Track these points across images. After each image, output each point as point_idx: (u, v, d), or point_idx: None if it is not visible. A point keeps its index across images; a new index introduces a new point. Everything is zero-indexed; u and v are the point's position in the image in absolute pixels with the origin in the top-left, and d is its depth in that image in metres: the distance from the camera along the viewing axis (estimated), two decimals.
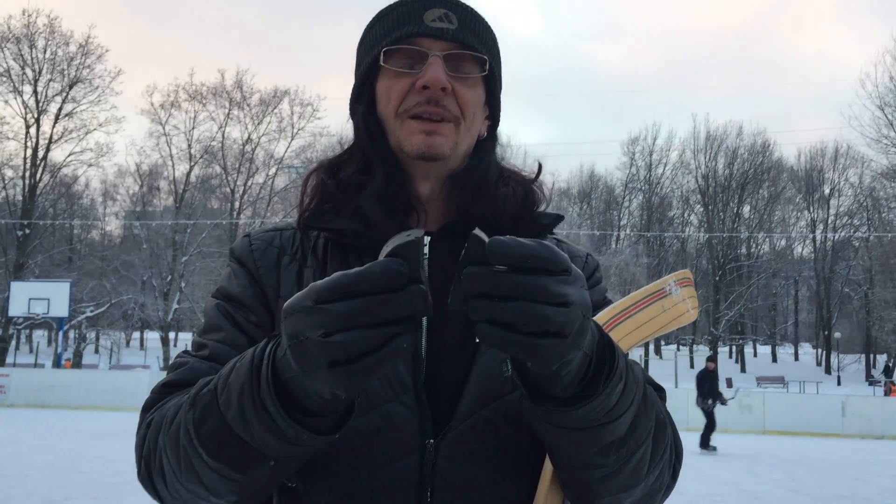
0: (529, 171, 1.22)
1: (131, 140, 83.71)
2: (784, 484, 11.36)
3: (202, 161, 44.92)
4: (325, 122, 51.69)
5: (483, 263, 0.72)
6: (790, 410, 20.71)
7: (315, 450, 0.88)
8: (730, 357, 59.85)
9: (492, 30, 1.18)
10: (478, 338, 0.73)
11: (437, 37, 1.09)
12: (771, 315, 60.66)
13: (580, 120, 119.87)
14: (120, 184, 50.74)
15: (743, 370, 53.76)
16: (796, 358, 62.01)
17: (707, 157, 55.35)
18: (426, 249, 1.10)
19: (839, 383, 46.46)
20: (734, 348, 59.56)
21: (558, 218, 1.19)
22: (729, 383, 39.45)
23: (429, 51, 1.09)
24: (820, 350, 57.87)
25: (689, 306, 1.15)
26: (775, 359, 60.69)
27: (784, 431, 20.14)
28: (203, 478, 0.90)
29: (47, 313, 26.06)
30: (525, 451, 1.03)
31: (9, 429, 15.45)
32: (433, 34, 1.09)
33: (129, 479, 8.65)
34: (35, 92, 41.13)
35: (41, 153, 41.43)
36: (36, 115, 41.30)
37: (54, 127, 41.55)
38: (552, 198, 1.25)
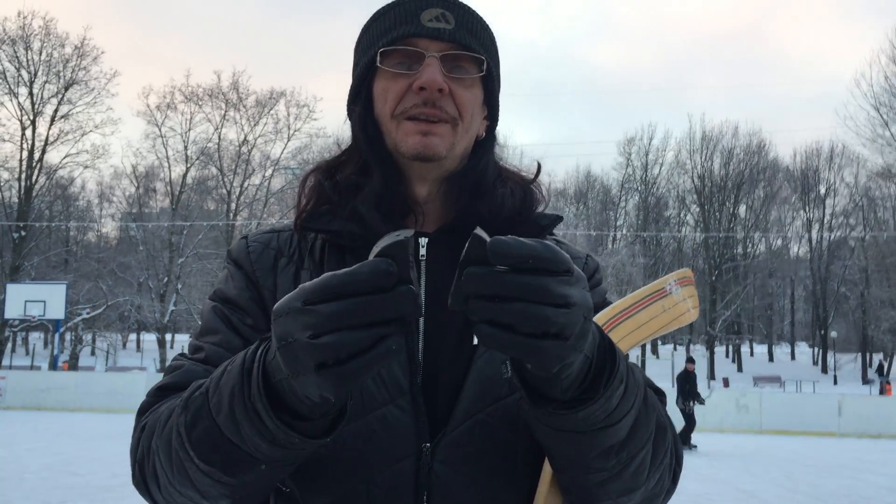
0: (528, 171, 1.21)
1: (127, 142, 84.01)
2: (781, 483, 11.38)
3: (198, 162, 44.75)
4: (322, 124, 51.42)
5: (484, 263, 0.71)
6: (787, 410, 20.76)
7: (307, 454, 0.87)
8: (726, 357, 59.92)
9: (490, 29, 1.16)
10: (477, 338, 0.72)
11: (434, 37, 1.08)
12: (767, 315, 60.71)
13: (576, 120, 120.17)
14: (116, 185, 50.49)
15: (739, 370, 53.84)
16: (793, 357, 62.04)
17: (703, 157, 55.33)
18: (423, 251, 1.09)
19: (835, 382, 46.55)
20: (731, 348, 59.64)
21: (557, 218, 1.18)
22: (726, 383, 39.58)
23: (426, 51, 1.07)
24: (816, 349, 57.93)
25: (690, 306, 1.14)
26: (772, 358, 60.72)
27: (781, 431, 20.18)
28: (195, 481, 0.89)
29: (43, 315, 25.94)
30: (522, 455, 1.02)
31: (5, 431, 15.39)
32: (430, 34, 1.08)
33: (126, 482, 8.59)
34: (31, 94, 40.97)
35: (37, 155, 41.31)
36: (32, 117, 41.15)
37: (50, 129, 41.43)
38: (549, 198, 1.23)
